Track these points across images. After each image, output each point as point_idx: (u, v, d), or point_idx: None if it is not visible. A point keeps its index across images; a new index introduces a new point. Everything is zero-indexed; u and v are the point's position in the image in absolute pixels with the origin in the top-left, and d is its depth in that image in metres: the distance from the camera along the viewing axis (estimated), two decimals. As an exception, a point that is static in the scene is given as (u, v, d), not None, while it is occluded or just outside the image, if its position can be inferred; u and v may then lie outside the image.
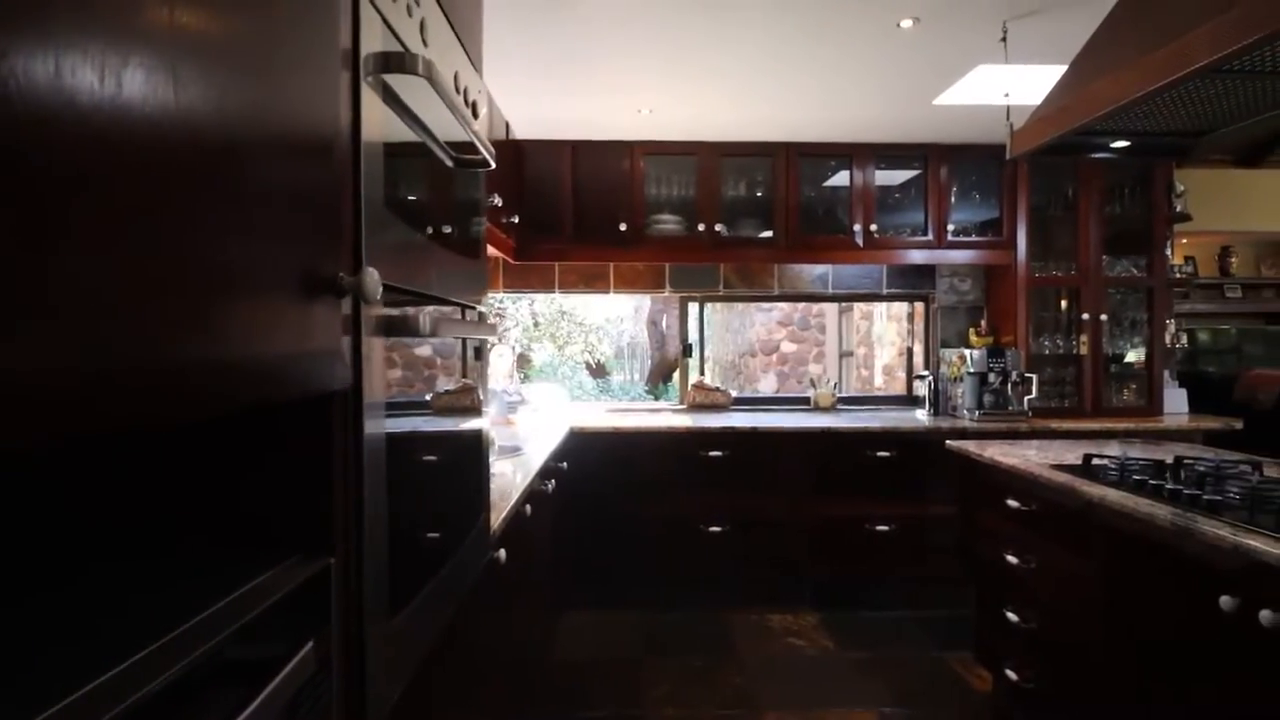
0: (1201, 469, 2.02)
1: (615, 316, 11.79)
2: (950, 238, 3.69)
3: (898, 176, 3.89)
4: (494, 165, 1.26)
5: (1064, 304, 3.80)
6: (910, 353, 4.29)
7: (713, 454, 3.33)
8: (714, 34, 2.42)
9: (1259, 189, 5.39)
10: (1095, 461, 2.11)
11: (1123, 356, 3.82)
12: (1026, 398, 3.54)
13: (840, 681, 2.67)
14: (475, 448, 1.31)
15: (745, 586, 3.38)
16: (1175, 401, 3.76)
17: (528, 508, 1.96)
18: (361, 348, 0.76)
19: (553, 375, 7.37)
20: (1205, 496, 1.66)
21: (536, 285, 3.94)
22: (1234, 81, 1.78)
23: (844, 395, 4.15)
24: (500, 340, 3.66)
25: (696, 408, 3.94)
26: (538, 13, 2.26)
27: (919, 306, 4.12)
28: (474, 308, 1.33)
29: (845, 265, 3.89)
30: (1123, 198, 3.78)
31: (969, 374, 3.59)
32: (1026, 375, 3.55)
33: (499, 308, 3.80)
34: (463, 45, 1.21)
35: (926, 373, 3.88)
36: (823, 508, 3.36)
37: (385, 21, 0.83)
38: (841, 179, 3.76)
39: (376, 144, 0.81)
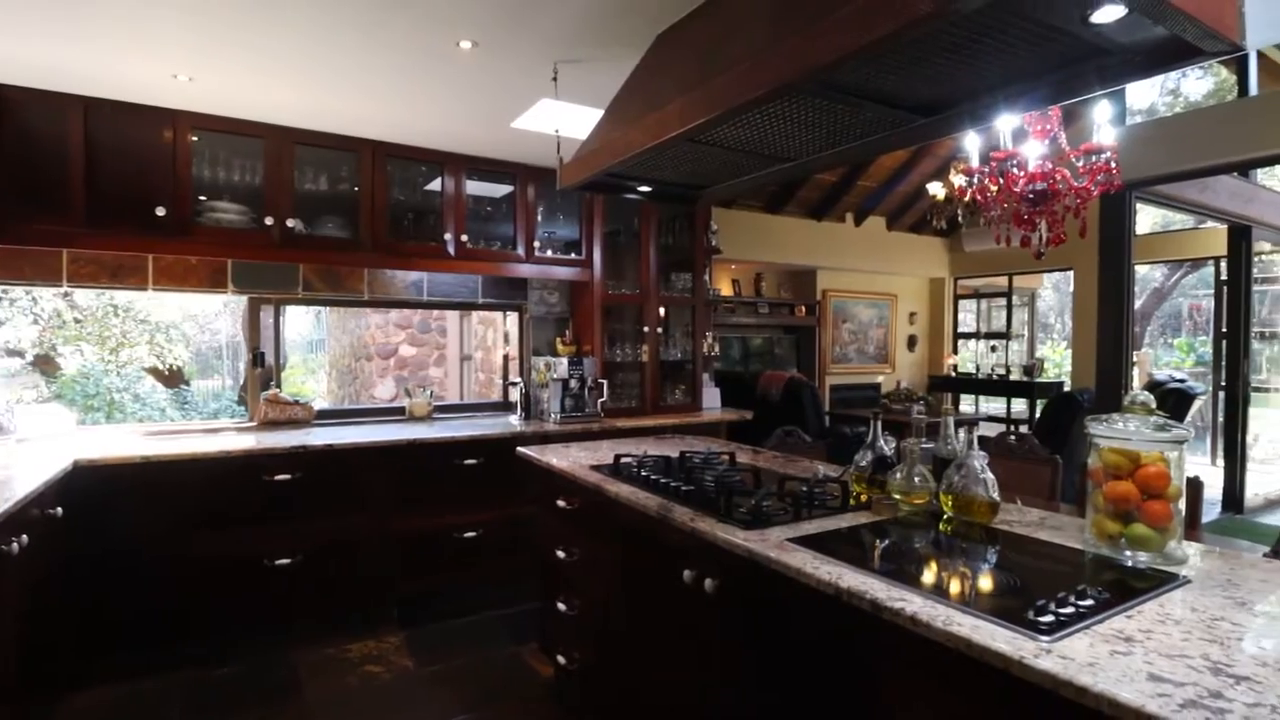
0: (697, 461, 2.48)
1: (205, 313, 10.03)
2: (538, 254, 3.94)
3: (495, 190, 4.01)
4: None
5: (638, 316, 4.38)
6: (506, 360, 4.48)
7: (282, 478, 2.98)
8: (249, 10, 2.14)
9: (777, 231, 7.07)
10: (623, 460, 2.43)
11: (678, 363, 4.57)
12: (600, 400, 3.98)
13: (414, 701, 2.61)
14: None
15: (323, 619, 3.10)
16: (711, 398, 4.63)
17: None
18: None
19: (95, 386, 5.86)
20: (684, 488, 2.02)
21: (31, 275, 3.03)
22: (706, 150, 2.20)
23: (442, 404, 4.12)
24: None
25: (270, 425, 3.50)
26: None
27: (513, 316, 4.32)
28: None
29: (439, 273, 3.86)
30: (675, 230, 4.51)
31: (553, 380, 3.89)
32: (600, 381, 3.99)
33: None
34: None
35: (519, 379, 4.09)
36: (410, 522, 3.27)
37: None
38: (436, 186, 3.73)
39: None
